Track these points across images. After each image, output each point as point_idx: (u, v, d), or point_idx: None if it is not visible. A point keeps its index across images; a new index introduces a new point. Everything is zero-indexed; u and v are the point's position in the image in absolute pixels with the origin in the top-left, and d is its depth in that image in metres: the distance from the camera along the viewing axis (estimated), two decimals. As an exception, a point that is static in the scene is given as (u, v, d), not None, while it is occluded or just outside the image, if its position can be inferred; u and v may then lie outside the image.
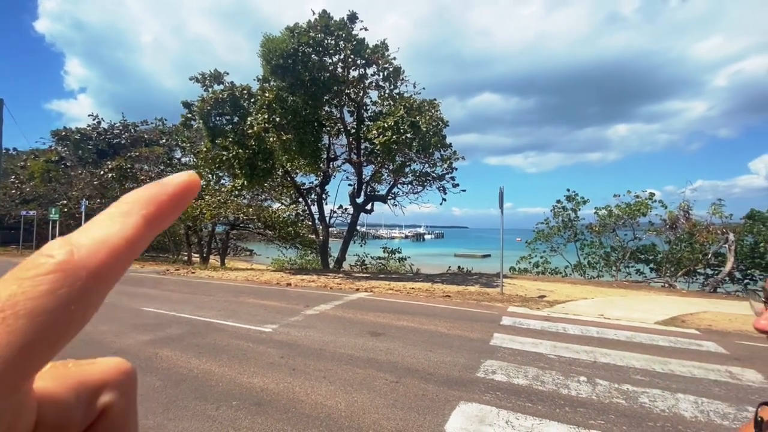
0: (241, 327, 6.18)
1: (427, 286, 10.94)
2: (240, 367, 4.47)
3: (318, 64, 12.52)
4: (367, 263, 19.31)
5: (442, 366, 4.55)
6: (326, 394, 3.77)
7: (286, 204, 20.48)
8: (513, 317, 7.22)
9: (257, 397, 3.72)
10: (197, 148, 16.46)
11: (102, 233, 0.17)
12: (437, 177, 15.63)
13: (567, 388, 3.97)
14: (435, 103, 13.38)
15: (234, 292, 9.53)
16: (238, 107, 13.29)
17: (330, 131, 15.65)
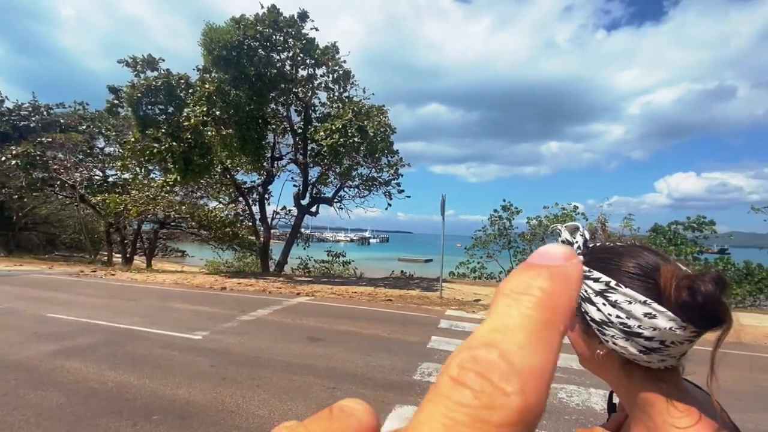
0: (166, 334, 5.71)
1: (370, 290, 10.95)
2: (163, 378, 4.12)
3: (265, 60, 12.09)
4: (310, 267, 18.89)
5: (380, 370, 4.55)
6: (259, 403, 3.59)
7: (224, 203, 19.39)
8: (450, 320, 7.46)
9: (182, 410, 3.44)
10: (124, 137, 15.05)
11: (537, 363, 0.14)
12: (383, 182, 15.79)
13: (497, 388, 4.17)
14: (383, 110, 13.54)
15: (160, 297, 8.79)
16: (174, 97, 12.38)
17: (275, 129, 15.17)
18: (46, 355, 4.66)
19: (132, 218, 17.46)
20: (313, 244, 22.69)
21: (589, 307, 0.58)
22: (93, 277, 11.76)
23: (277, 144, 16.17)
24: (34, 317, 6.42)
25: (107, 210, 16.16)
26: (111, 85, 13.88)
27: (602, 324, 0.57)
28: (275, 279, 12.76)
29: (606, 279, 0.56)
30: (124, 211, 16.01)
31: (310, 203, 16.39)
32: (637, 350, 0.55)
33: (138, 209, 15.70)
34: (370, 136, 12.02)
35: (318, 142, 12.33)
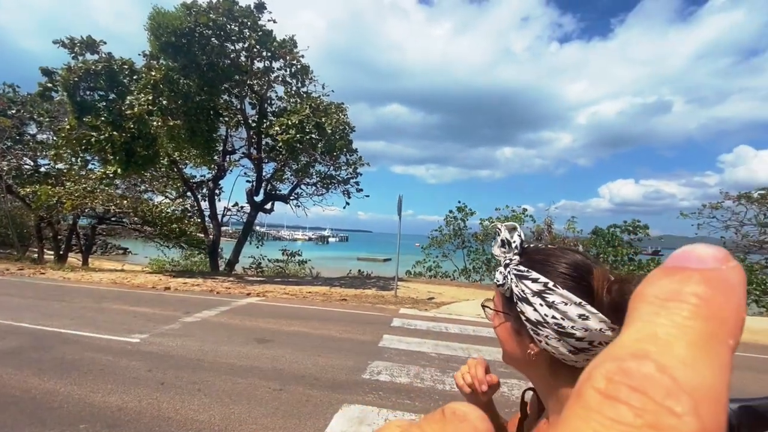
0: (100, 338, 5.32)
1: (325, 290, 10.85)
2: (94, 384, 3.84)
3: (218, 49, 11.59)
4: (264, 266, 18.36)
5: (329, 370, 4.54)
6: (199, 408, 3.46)
7: (171, 198, 18.33)
8: (403, 318, 7.59)
9: (113, 417, 3.23)
10: (59, 124, 13.81)
11: (710, 382, 0.13)
12: (342, 180, 15.69)
13: (443, 384, 4.31)
14: (342, 107, 13.46)
15: (95, 297, 8.17)
16: (116, 83, 11.54)
17: (228, 122, 14.60)
18: (-47, 363, 4.19)
19: (66, 212, 16.03)
20: (267, 242, 22.08)
21: (526, 307, 0.59)
22: (19, 276, 10.69)
23: (229, 137, 15.58)
24: (-58, 321, 5.74)
25: (38, 203, 14.72)
26: (44, 67, 12.70)
27: (537, 324, 0.58)
28: (225, 279, 12.29)
29: (544, 280, 0.57)
30: (58, 205, 14.69)
31: (264, 200, 15.93)
32: (567, 350, 0.57)
33: (73, 202, 14.46)
34: (328, 134, 11.91)
35: (273, 137, 12.02)
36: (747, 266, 14.61)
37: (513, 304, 0.61)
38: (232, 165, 16.54)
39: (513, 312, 0.61)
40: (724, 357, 0.13)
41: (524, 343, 0.61)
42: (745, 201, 16.67)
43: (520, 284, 0.59)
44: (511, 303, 0.61)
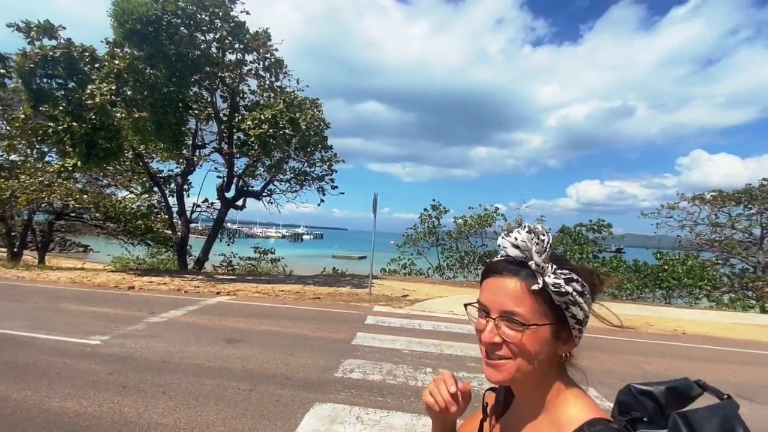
0: (57, 340, 5.04)
1: (298, 288, 10.71)
2: (49, 388, 3.64)
3: (187, 39, 11.14)
4: (235, 264, 17.91)
5: (301, 369, 4.49)
6: (164, 411, 3.33)
7: (136, 193, 17.54)
8: (377, 316, 7.60)
9: (70, 423, 3.07)
10: (12, 113, 12.91)
11: None
12: (316, 177, 15.50)
13: (415, 380, 4.35)
14: (318, 103, 13.28)
15: (52, 297, 7.73)
16: (76, 71, 10.88)
17: (198, 115, 14.11)
18: None
19: (21, 207, 15.05)
20: (239, 240, 21.56)
21: (577, 309, 0.61)
22: (-37, 276, 9.95)
23: (199, 131, 15.07)
24: None
25: (-12, 196, 13.75)
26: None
27: (582, 323, 0.62)
28: (193, 277, 11.91)
29: (578, 277, 0.61)
30: (11, 199, 13.78)
31: (235, 196, 15.53)
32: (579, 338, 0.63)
33: (28, 197, 13.60)
34: (302, 129, 11.72)
35: (245, 131, 11.70)
36: (699, 263, 15.56)
37: (559, 310, 0.61)
38: (202, 160, 16.02)
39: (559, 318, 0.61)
40: None
41: (556, 345, 0.63)
42: (699, 202, 17.74)
43: (568, 287, 0.60)
44: (558, 309, 0.61)
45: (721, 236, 17.46)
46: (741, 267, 16.95)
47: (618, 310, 0.75)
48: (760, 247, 16.51)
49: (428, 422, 3.47)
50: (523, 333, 0.60)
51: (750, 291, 15.50)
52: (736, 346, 7.28)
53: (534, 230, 0.62)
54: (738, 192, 16.88)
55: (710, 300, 14.67)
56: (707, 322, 9.60)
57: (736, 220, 17.15)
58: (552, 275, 0.60)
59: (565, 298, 0.60)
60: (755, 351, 7.03)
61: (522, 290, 0.61)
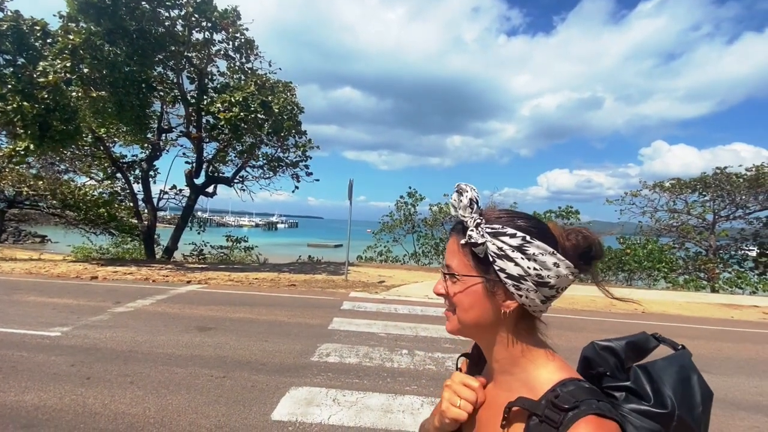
0: (11, 332, 4.73)
1: (273, 275, 10.54)
2: (4, 383, 3.42)
3: (150, 15, 10.51)
4: (206, 253, 17.40)
5: (276, 355, 4.42)
6: (131, 401, 3.20)
7: (97, 179, 16.60)
8: (353, 302, 7.59)
9: (28, 417, 2.90)
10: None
11: None
12: (290, 164, 15.16)
13: (391, 362, 4.38)
14: (291, 86, 12.91)
15: (5, 289, 7.25)
16: (26, 46, 10.07)
17: (164, 97, 13.44)
18: None
19: (-34, 194, 13.98)
20: (210, 228, 20.95)
21: (507, 263, 0.59)
22: None
23: (165, 114, 14.37)
24: None
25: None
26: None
27: (520, 278, 0.58)
28: (162, 266, 11.48)
29: (521, 234, 0.59)
30: (-47, 185, 12.75)
31: (205, 183, 14.99)
32: (540, 300, 0.60)
33: (-26, 183, 12.62)
34: (275, 113, 11.38)
35: (215, 114, 11.25)
36: (658, 247, 16.45)
37: (488, 264, 0.60)
38: (169, 144, 15.30)
39: (487, 272, 0.61)
40: None
41: (496, 302, 0.61)
42: (659, 190, 18.67)
43: (497, 241, 0.59)
44: (486, 263, 0.60)
45: (678, 222, 18.48)
46: (695, 250, 18.05)
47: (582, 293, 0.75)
48: (712, 232, 17.61)
49: (404, 401, 3.51)
50: (455, 284, 0.63)
51: (702, 273, 16.57)
52: (689, 323, 7.78)
53: (459, 189, 0.63)
54: (694, 180, 17.86)
55: (667, 281, 15.58)
56: (664, 301, 10.19)
57: (691, 206, 18.18)
58: (473, 229, 0.60)
59: (481, 249, 0.60)
60: (706, 327, 7.53)
61: (454, 245, 0.64)
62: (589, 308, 8.25)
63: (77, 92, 10.04)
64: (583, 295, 9.13)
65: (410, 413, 3.25)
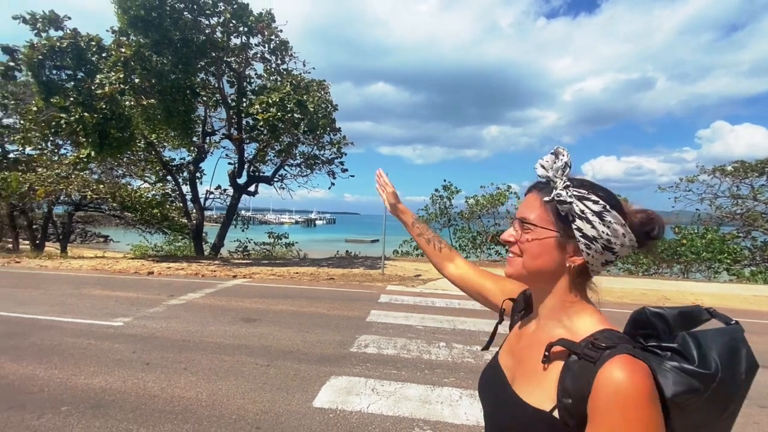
0: (80, 323, 5.21)
1: (313, 270, 10.84)
2: (75, 368, 3.77)
3: (192, 24, 11.07)
4: (250, 249, 18.18)
5: (317, 345, 4.56)
6: (186, 385, 3.44)
7: (150, 182, 17.82)
8: (390, 295, 7.65)
9: (96, 398, 3.19)
10: (24, 106, 13.12)
11: None
12: (326, 161, 15.48)
13: (429, 354, 4.38)
14: (324, 85, 13.13)
15: (75, 284, 7.98)
16: (84, 61, 10.95)
17: (207, 102, 14.12)
18: (-75, 352, 4.04)
19: (40, 199, 15.43)
20: (253, 226, 21.82)
21: (585, 224, 0.66)
22: (-9, 266, 10.33)
23: (208, 118, 15.10)
24: None
25: (8, 190, 14.11)
26: (5, 45, 11.91)
27: (592, 240, 0.66)
28: (210, 262, 12.14)
29: (602, 203, 0.67)
30: (30, 192, 14.12)
31: (247, 182, 15.63)
32: (601, 263, 0.68)
33: (46, 189, 13.92)
34: (310, 112, 11.63)
35: (254, 116, 11.68)
36: (719, 237, 15.17)
37: (566, 222, 0.68)
38: (213, 147, 16.11)
39: (564, 228, 0.68)
40: None
41: (563, 256, 0.69)
42: (720, 174, 17.14)
43: (581, 204, 0.67)
44: (565, 221, 0.68)
45: (743, 208, 16.90)
46: (763, 240, 16.46)
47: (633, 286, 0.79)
48: (783, 219, 15.98)
49: (442, 393, 3.50)
50: (529, 233, 0.70)
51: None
52: (756, 317, 7.13)
53: (555, 152, 0.71)
54: (761, 162, 16.23)
55: (731, 274, 14.34)
56: (726, 295, 9.41)
57: (758, 191, 16.54)
58: (562, 189, 0.68)
59: (566, 207, 0.67)
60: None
61: (536, 200, 0.72)
62: (639, 301, 7.79)
63: (130, 101, 10.79)
64: (634, 288, 8.63)
65: (449, 405, 3.25)
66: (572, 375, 0.61)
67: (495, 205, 17.36)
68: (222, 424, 2.84)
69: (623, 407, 0.55)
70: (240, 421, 2.90)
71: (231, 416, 2.96)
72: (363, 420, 2.96)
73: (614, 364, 0.57)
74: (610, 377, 0.56)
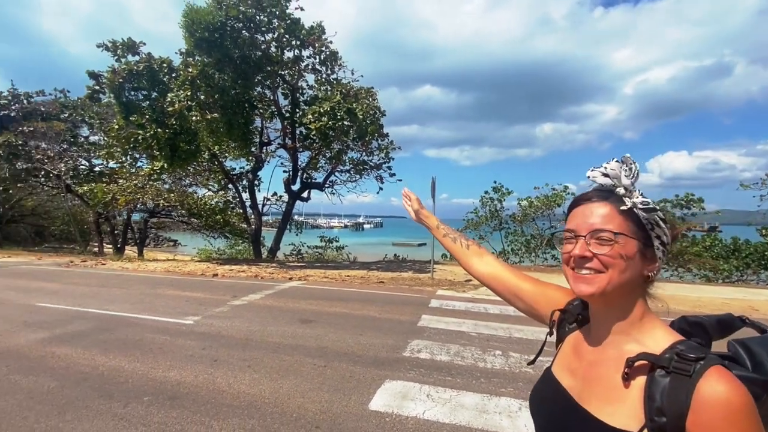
0: (157, 320, 5.72)
1: (363, 273, 11.02)
2: (154, 361, 4.15)
3: (249, 41, 11.79)
4: (303, 252, 18.92)
5: (370, 348, 4.63)
6: (250, 382, 3.64)
7: (214, 190, 19.19)
8: (441, 300, 7.57)
9: (173, 390, 3.48)
10: (108, 125, 14.72)
11: None
12: (374, 166, 15.74)
13: (484, 362, 4.27)
14: (372, 92, 13.36)
15: (151, 284, 8.77)
16: (157, 81, 12.08)
17: (263, 114, 14.93)
18: (36, 342, 4.65)
19: (121, 208, 17.22)
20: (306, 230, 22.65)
21: (660, 232, 0.68)
22: (83, 267, 11.66)
23: (265, 128, 15.95)
24: (23, 307, 6.38)
25: (95, 200, 15.91)
26: (91, 71, 13.47)
27: (666, 245, 0.69)
28: (268, 265, 12.78)
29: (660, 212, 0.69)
30: (113, 201, 15.79)
31: (300, 189, 16.29)
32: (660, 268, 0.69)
33: (126, 198, 15.49)
34: (359, 119, 11.89)
35: (306, 125, 12.16)
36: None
37: (644, 230, 0.68)
38: (269, 156, 17.00)
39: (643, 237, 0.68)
40: None
41: (643, 266, 0.68)
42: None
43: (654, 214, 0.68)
44: (644, 229, 0.68)
45: None
46: None
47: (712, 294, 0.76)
48: None
49: (500, 403, 3.40)
50: (612, 246, 0.66)
51: None
52: None
53: (624, 160, 0.69)
54: None
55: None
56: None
57: None
58: (640, 196, 0.68)
59: (653, 215, 0.67)
60: None
61: (611, 211, 0.69)
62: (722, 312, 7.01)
63: (196, 116, 11.70)
64: (712, 297, 7.80)
65: (507, 415, 3.14)
66: (663, 391, 0.59)
67: (550, 206, 16.55)
68: (284, 422, 2.98)
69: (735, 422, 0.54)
70: (300, 419, 3.02)
71: (292, 414, 3.09)
72: (419, 426, 2.95)
73: (714, 377, 0.56)
74: (715, 391, 0.55)
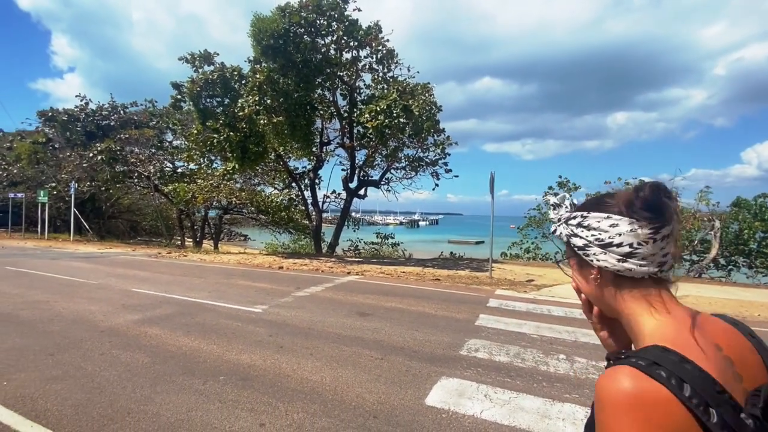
0: (230, 307, 6.25)
1: (418, 270, 11.05)
2: (228, 345, 4.54)
3: (310, 45, 12.31)
4: (360, 248, 19.40)
5: (426, 344, 4.65)
6: (312, 369, 3.85)
7: (279, 188, 20.40)
8: (500, 299, 7.35)
9: (244, 372, 3.79)
10: (188, 130, 16.26)
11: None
12: (430, 162, 15.64)
13: (546, 365, 4.09)
14: (428, 87, 13.28)
15: (225, 275, 9.57)
16: (229, 89, 13.09)
17: (323, 115, 15.51)
18: (132, 322, 5.33)
19: (199, 205, 18.99)
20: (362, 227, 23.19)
21: (575, 239, 0.71)
22: (168, 258, 13.05)
23: (324, 129, 16.56)
24: (122, 291, 7.32)
25: (178, 198, 17.71)
26: (174, 81, 14.96)
27: (585, 247, 0.69)
28: (327, 259, 13.30)
29: (578, 213, 0.72)
30: (192, 199, 17.44)
31: (358, 186, 16.69)
32: (616, 259, 0.65)
33: (204, 196, 17.03)
34: (415, 116, 11.89)
35: (363, 124, 12.43)
36: None
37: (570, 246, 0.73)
38: (329, 155, 17.65)
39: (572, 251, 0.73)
40: None
41: (587, 273, 0.71)
42: None
43: (568, 227, 0.73)
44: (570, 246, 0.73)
45: None
46: None
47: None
48: None
49: (563, 409, 3.25)
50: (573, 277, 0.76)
51: None
52: None
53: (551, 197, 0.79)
54: None
55: None
56: None
57: None
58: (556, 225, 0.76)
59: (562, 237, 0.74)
60: None
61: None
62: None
63: (263, 120, 12.51)
64: None
65: (571, 422, 3.00)
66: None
67: (623, 203, 15.26)
68: (344, 409, 3.12)
69: (604, 408, 0.57)
70: (359, 408, 3.14)
71: (351, 403, 3.22)
72: (476, 425, 2.93)
73: (607, 372, 0.59)
74: (598, 382, 0.59)
